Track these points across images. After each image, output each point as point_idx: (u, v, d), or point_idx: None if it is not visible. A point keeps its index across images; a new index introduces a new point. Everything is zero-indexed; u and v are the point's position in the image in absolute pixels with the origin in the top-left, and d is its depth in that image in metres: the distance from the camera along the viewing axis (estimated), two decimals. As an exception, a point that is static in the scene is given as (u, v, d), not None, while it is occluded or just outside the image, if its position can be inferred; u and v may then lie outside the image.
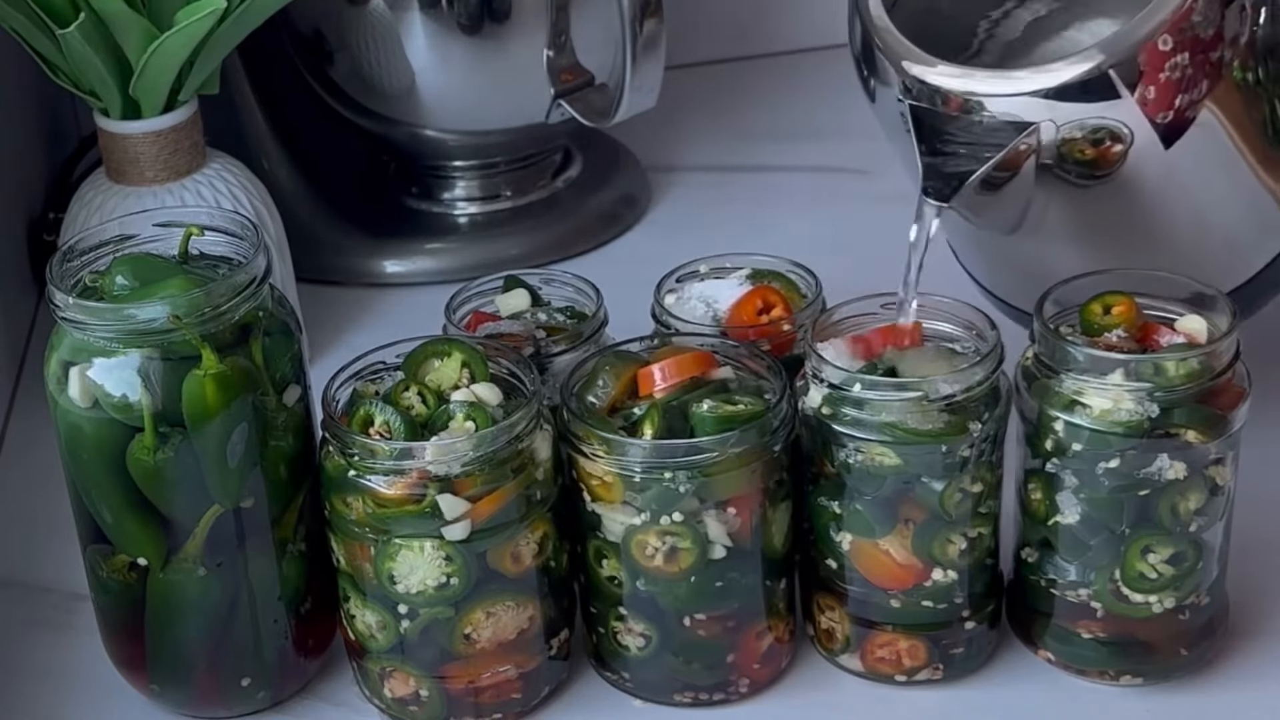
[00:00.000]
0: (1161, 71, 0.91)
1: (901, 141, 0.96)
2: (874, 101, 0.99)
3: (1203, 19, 0.91)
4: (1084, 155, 0.93)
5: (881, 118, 1.00)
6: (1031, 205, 0.97)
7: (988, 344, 0.92)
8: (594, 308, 1.02)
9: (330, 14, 1.29)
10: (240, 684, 0.95)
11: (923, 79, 0.95)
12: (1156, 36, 0.91)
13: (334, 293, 1.32)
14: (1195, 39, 0.91)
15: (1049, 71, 0.92)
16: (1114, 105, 0.92)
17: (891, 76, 0.96)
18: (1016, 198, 0.96)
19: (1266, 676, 0.95)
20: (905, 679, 0.95)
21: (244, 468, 0.90)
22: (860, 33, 0.98)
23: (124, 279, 0.90)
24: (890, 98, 0.97)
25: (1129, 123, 0.93)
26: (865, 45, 0.98)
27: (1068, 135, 0.93)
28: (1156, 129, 0.93)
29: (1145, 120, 0.93)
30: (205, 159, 1.15)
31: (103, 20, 1.06)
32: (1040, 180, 0.95)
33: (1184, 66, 0.91)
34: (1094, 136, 0.93)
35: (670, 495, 0.89)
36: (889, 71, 0.96)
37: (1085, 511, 0.91)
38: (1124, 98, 0.92)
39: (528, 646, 0.93)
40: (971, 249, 1.09)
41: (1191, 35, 0.91)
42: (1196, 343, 0.90)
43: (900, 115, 0.96)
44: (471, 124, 1.33)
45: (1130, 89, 0.92)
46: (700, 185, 1.45)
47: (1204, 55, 0.92)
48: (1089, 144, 0.93)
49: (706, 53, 1.62)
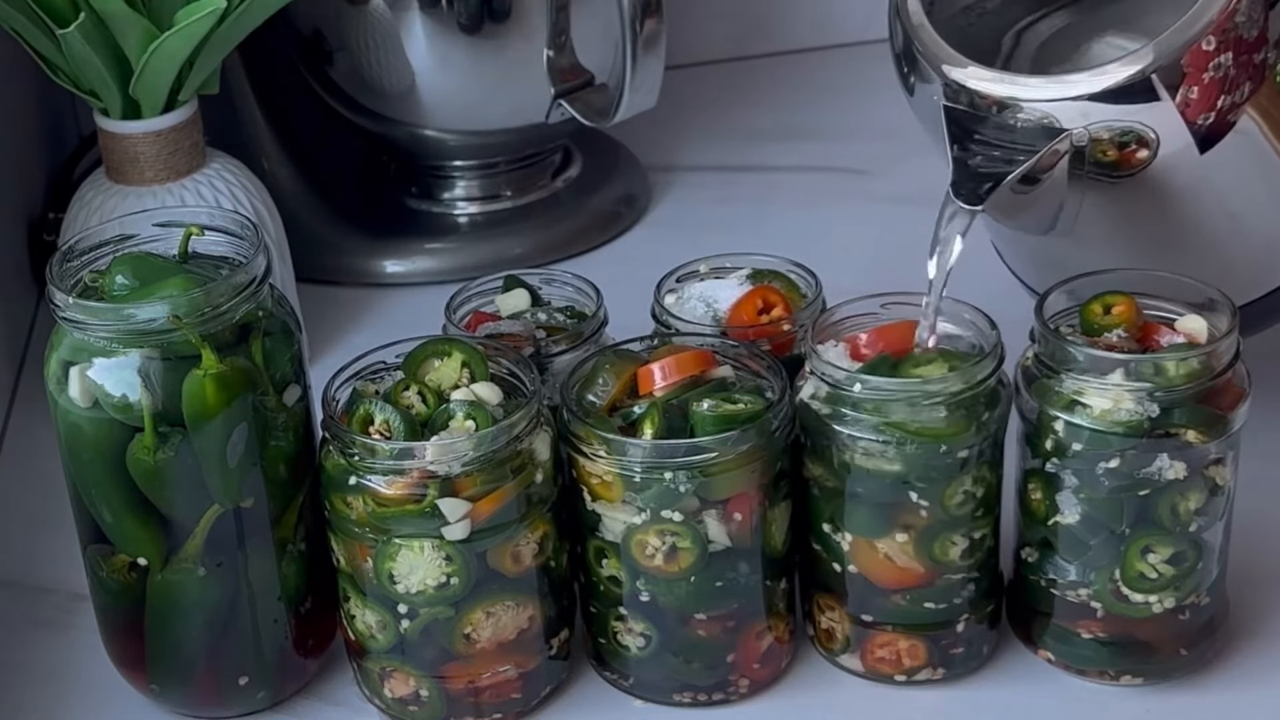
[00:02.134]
0: (1205, 72, 0.91)
1: (938, 137, 0.96)
2: (912, 96, 0.99)
3: (1246, 19, 0.91)
4: (1116, 160, 0.93)
5: (919, 113, 0.99)
6: (1064, 209, 0.97)
7: (988, 344, 0.92)
8: (594, 308, 1.02)
9: (330, 14, 1.29)
10: (240, 684, 0.95)
11: (962, 82, 0.95)
12: (1203, 37, 0.91)
13: (334, 293, 1.32)
14: (1239, 39, 0.91)
15: (1099, 75, 0.92)
16: (1151, 109, 0.92)
17: (931, 74, 0.96)
18: (1049, 202, 0.96)
19: (1266, 676, 0.95)
20: (905, 679, 0.95)
21: (244, 467, 0.90)
22: (901, 33, 0.99)
23: (124, 279, 0.90)
24: (928, 94, 0.97)
25: (1165, 127, 0.92)
26: (906, 45, 0.98)
27: (1102, 140, 0.93)
28: (1195, 132, 0.92)
29: (1183, 124, 0.92)
30: (205, 159, 1.16)
31: (103, 20, 1.06)
32: (1073, 184, 0.95)
33: (1227, 67, 0.91)
34: (1124, 139, 0.92)
35: (670, 495, 0.89)
36: (928, 70, 0.96)
37: (1085, 511, 0.91)
38: (1163, 100, 0.91)
39: (528, 646, 0.93)
40: (1012, 245, 1.09)
41: (1235, 35, 0.91)
42: (1196, 343, 0.91)
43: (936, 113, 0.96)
44: (471, 124, 1.33)
45: (1171, 91, 0.91)
46: (700, 185, 1.45)
47: (1247, 56, 0.91)
48: (1120, 148, 0.93)
49: (706, 53, 1.62)
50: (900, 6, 0.99)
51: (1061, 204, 0.97)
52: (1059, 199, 0.96)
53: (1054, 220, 0.98)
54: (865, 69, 1.57)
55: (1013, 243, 1.09)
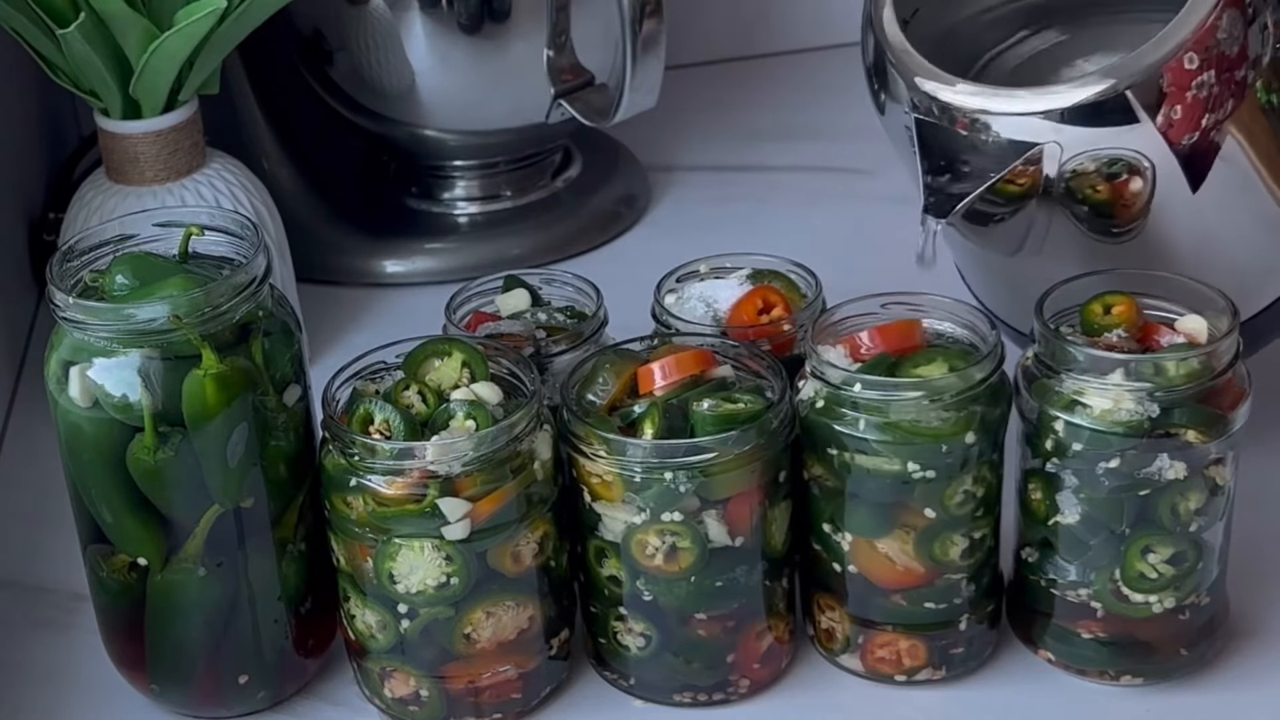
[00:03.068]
0: (1188, 91, 0.90)
1: (909, 156, 0.96)
2: (883, 114, 0.99)
3: (1227, 36, 0.90)
4: (1095, 190, 0.93)
5: (890, 131, 1.00)
6: (1034, 228, 0.97)
7: (988, 344, 0.92)
8: (594, 308, 1.02)
9: (330, 14, 1.29)
10: (240, 683, 0.95)
11: (933, 95, 0.94)
12: (1179, 55, 0.90)
13: (334, 293, 1.32)
14: (1221, 56, 0.90)
15: (1057, 92, 0.92)
16: (1128, 131, 0.92)
17: (902, 92, 0.96)
18: (1019, 221, 0.96)
19: (1266, 676, 0.95)
20: (905, 679, 0.95)
21: (244, 467, 0.90)
22: (873, 46, 0.98)
23: (124, 279, 0.90)
24: (899, 112, 0.96)
25: (1143, 150, 0.92)
26: (878, 59, 0.98)
27: (1078, 163, 0.92)
28: (1178, 154, 0.92)
29: (1164, 145, 0.92)
30: (205, 159, 1.16)
31: (103, 20, 1.06)
32: (1042, 204, 0.94)
33: (1210, 85, 0.90)
34: (1108, 169, 0.92)
35: (670, 494, 0.89)
36: (899, 86, 0.96)
37: (1085, 511, 0.91)
38: (1142, 122, 0.91)
39: (528, 646, 0.93)
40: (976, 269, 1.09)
41: (1218, 52, 0.90)
42: (1196, 343, 0.91)
43: (906, 129, 0.95)
44: (471, 124, 1.33)
45: (1150, 111, 0.91)
46: (700, 185, 1.45)
47: (1229, 74, 0.91)
48: (1100, 176, 0.93)
49: (706, 53, 1.62)
50: (874, 19, 0.98)
51: (1031, 224, 0.96)
52: (1029, 219, 0.96)
53: (1023, 240, 0.98)
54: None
55: (977, 268, 1.09)
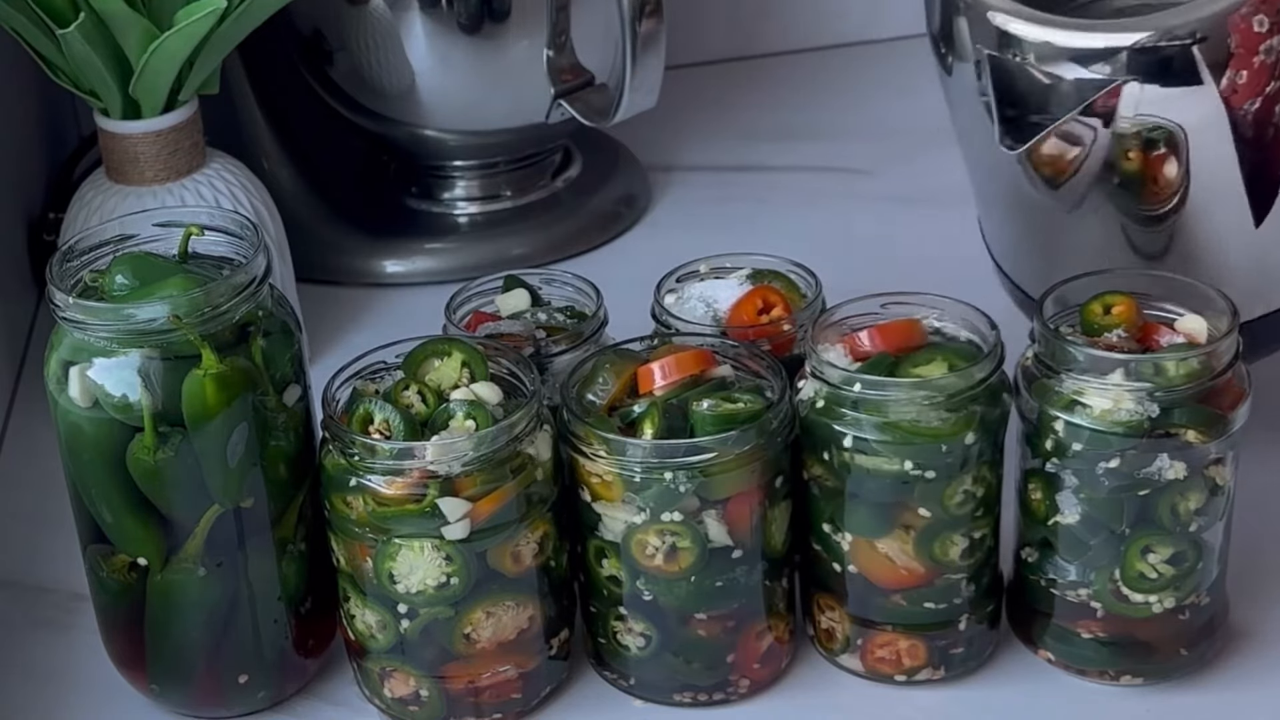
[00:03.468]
0: (1255, 55, 0.89)
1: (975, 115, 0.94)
2: (950, 75, 0.98)
3: None
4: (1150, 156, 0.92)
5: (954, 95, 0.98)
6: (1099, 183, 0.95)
7: (988, 344, 0.92)
8: (594, 308, 1.02)
9: (330, 14, 1.29)
10: (240, 683, 0.95)
11: (1005, 28, 0.93)
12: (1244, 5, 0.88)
13: (334, 293, 1.32)
14: None
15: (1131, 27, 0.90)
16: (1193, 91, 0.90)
17: (968, 52, 0.95)
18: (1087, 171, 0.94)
19: (1266, 676, 0.95)
20: (905, 679, 0.95)
21: (244, 467, 0.90)
22: (940, 4, 0.97)
23: (124, 279, 0.90)
24: (966, 71, 0.95)
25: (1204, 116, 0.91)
26: (945, 17, 0.97)
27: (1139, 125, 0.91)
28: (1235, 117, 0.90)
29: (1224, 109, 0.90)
30: (205, 159, 1.16)
31: (103, 20, 1.06)
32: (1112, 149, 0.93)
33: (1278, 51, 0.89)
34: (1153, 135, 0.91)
35: (670, 494, 0.89)
36: (966, 46, 0.95)
37: (1085, 511, 0.91)
38: (1205, 84, 0.90)
39: (528, 646, 0.93)
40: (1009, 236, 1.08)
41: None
42: (1196, 343, 0.90)
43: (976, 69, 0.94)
44: (471, 124, 1.33)
45: (1215, 71, 0.89)
46: (700, 185, 1.45)
47: None
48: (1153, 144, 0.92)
49: (706, 53, 1.62)
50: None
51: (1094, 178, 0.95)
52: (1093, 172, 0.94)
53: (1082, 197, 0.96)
54: (865, 69, 1.57)
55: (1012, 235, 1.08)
